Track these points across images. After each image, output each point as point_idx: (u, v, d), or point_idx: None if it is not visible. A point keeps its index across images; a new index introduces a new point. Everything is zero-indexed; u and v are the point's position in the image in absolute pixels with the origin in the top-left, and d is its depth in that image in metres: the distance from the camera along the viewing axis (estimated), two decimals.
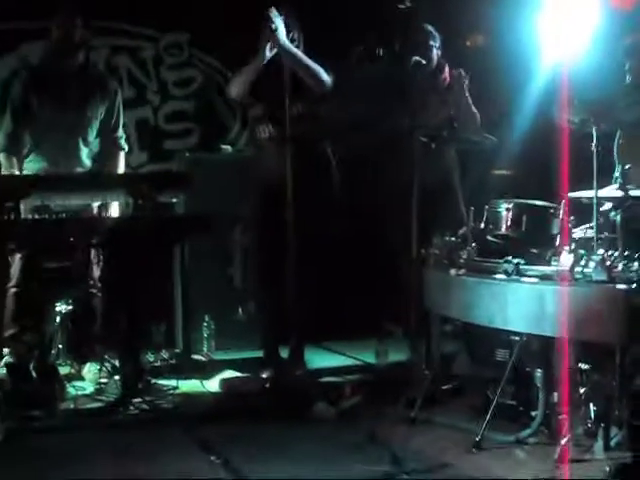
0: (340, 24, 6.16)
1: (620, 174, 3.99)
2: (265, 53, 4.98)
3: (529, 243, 4.32)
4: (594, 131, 4.03)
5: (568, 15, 4.75)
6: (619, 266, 3.73)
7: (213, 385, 5.04)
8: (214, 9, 6.13)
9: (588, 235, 4.11)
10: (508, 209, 4.43)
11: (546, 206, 4.39)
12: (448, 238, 4.53)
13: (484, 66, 5.85)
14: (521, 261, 4.04)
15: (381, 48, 5.47)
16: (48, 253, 4.73)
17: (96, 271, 5.27)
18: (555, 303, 3.75)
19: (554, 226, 4.28)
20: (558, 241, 4.11)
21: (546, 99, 4.96)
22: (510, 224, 4.43)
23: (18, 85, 5.26)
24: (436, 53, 5.41)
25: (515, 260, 4.04)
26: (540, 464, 3.75)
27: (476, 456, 3.88)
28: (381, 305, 5.84)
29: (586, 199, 4.13)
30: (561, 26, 4.78)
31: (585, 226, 4.22)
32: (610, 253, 3.82)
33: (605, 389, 3.81)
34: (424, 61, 5.16)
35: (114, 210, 5.13)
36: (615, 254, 3.82)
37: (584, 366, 3.92)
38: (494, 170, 5.79)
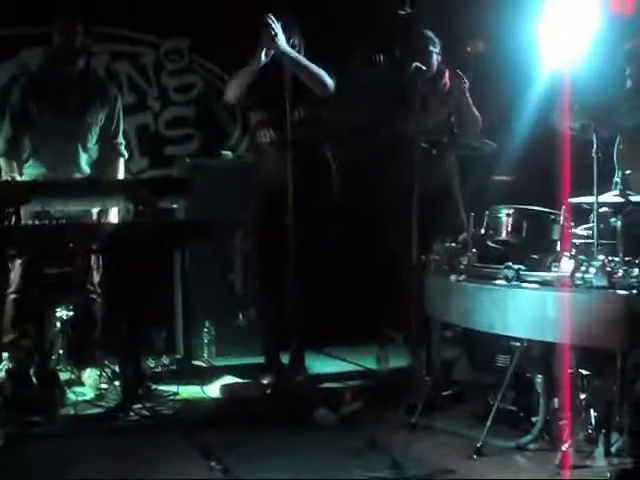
0: (341, 30, 6.17)
1: (620, 180, 3.99)
2: (261, 56, 4.98)
3: (529, 249, 4.31)
4: (594, 137, 4.03)
5: (568, 20, 4.75)
6: (620, 272, 3.72)
7: (214, 391, 5.03)
8: (214, 15, 6.14)
9: (588, 229, 4.11)
10: (508, 215, 4.42)
11: (546, 212, 4.38)
12: (448, 244, 4.52)
13: (484, 72, 5.85)
14: (521, 267, 4.04)
15: (381, 54, 5.48)
16: (48, 259, 4.72)
17: (96, 277, 5.27)
18: (556, 309, 3.74)
19: (554, 232, 4.27)
20: (558, 247, 4.11)
21: (546, 105, 4.96)
22: (510, 230, 4.42)
23: (17, 91, 5.25)
24: (436, 59, 5.42)
25: (515, 266, 4.03)
26: (541, 470, 3.74)
27: (477, 462, 3.87)
28: (381, 311, 5.84)
29: (586, 205, 4.13)
30: (561, 31, 4.78)
31: (585, 226, 4.22)
32: (611, 259, 3.83)
33: (606, 395, 3.81)
34: (424, 67, 5.17)
35: (113, 216, 5.14)
36: (616, 260, 3.83)
37: (585, 372, 3.92)
38: (494, 176, 5.81)
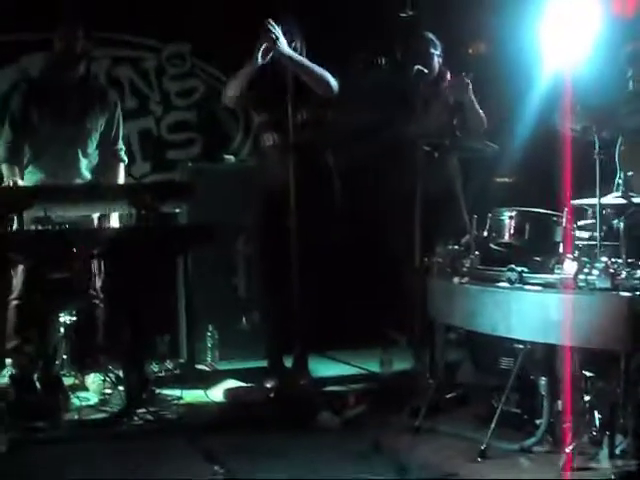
0: (342, 33, 6.17)
1: (622, 181, 3.99)
2: (258, 57, 4.96)
3: (532, 251, 4.31)
4: (596, 139, 4.03)
5: (570, 22, 4.75)
6: (623, 273, 3.72)
7: (217, 395, 5.03)
8: (216, 19, 6.15)
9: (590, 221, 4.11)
10: (511, 217, 4.42)
11: (549, 214, 4.38)
12: (451, 246, 4.52)
13: (486, 74, 5.85)
14: (524, 269, 4.04)
15: (383, 56, 5.48)
16: (51, 264, 4.72)
17: (99, 282, 5.28)
18: (559, 311, 3.74)
19: (557, 234, 4.27)
20: (561, 249, 4.11)
21: (548, 107, 4.96)
22: (513, 232, 4.42)
23: (18, 97, 5.26)
24: (437, 61, 5.42)
25: (518, 268, 4.03)
26: (545, 472, 3.74)
27: (481, 465, 3.87)
28: (385, 314, 5.84)
29: (588, 206, 4.13)
30: (563, 33, 4.78)
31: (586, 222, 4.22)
32: (613, 261, 3.82)
33: (610, 397, 3.81)
34: (426, 70, 5.17)
35: (114, 221, 5.15)
36: (619, 261, 3.83)
37: (588, 374, 3.92)
38: (496, 178, 5.80)
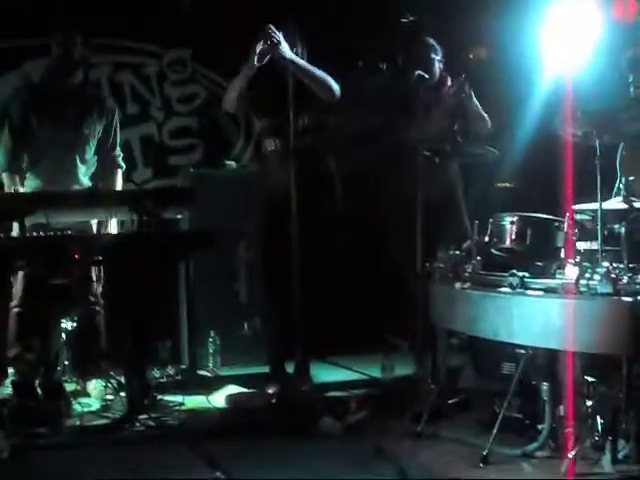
0: (343, 38, 6.17)
1: (624, 186, 3.99)
2: (254, 60, 4.94)
3: (534, 256, 4.30)
4: (597, 144, 4.03)
5: (570, 28, 4.75)
6: (624, 278, 3.72)
7: (219, 401, 5.02)
8: (217, 25, 6.15)
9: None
10: (512, 222, 4.42)
11: (550, 219, 4.38)
12: (453, 252, 4.52)
13: (486, 79, 5.86)
14: (526, 274, 4.04)
15: (384, 62, 5.48)
16: (52, 270, 4.72)
17: (99, 288, 5.28)
18: (560, 316, 3.74)
19: (558, 239, 4.27)
20: (563, 254, 4.11)
21: (549, 112, 4.96)
22: (514, 237, 4.41)
23: (16, 103, 5.27)
24: (438, 66, 5.42)
25: (520, 273, 4.03)
26: (547, 478, 3.74)
27: (483, 470, 3.86)
28: (386, 319, 5.84)
29: (590, 212, 4.13)
30: (563, 39, 4.78)
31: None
32: (615, 265, 3.82)
33: (612, 402, 3.80)
34: (427, 75, 5.17)
35: (113, 227, 5.16)
36: (620, 266, 3.83)
37: (590, 379, 3.91)
38: (497, 183, 5.80)
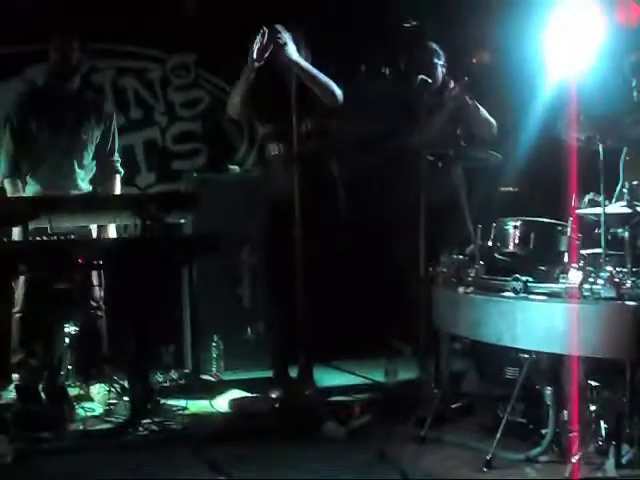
0: (346, 42, 6.18)
1: (627, 191, 3.99)
2: (253, 58, 4.91)
3: (537, 261, 4.31)
4: (600, 148, 4.03)
5: (574, 32, 4.76)
6: (628, 283, 3.72)
7: (222, 405, 5.02)
8: (220, 30, 6.16)
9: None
10: (515, 226, 4.42)
11: (554, 223, 4.38)
12: (456, 256, 4.52)
13: (490, 83, 5.86)
14: (529, 279, 4.04)
15: (387, 66, 5.48)
16: (56, 275, 4.73)
17: (101, 293, 5.29)
18: (564, 320, 3.73)
19: (562, 243, 4.27)
20: (566, 258, 4.11)
21: (552, 116, 4.96)
22: (518, 242, 4.42)
23: (16, 109, 5.27)
24: (441, 71, 5.42)
25: (523, 278, 4.03)
26: None
27: (486, 475, 3.86)
28: (390, 324, 5.83)
29: (593, 216, 4.13)
30: (567, 43, 4.79)
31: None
32: (619, 270, 3.82)
33: (616, 406, 3.80)
34: (430, 80, 5.18)
35: (112, 231, 5.17)
36: (624, 271, 3.82)
37: (594, 383, 3.91)
38: (501, 187, 5.80)
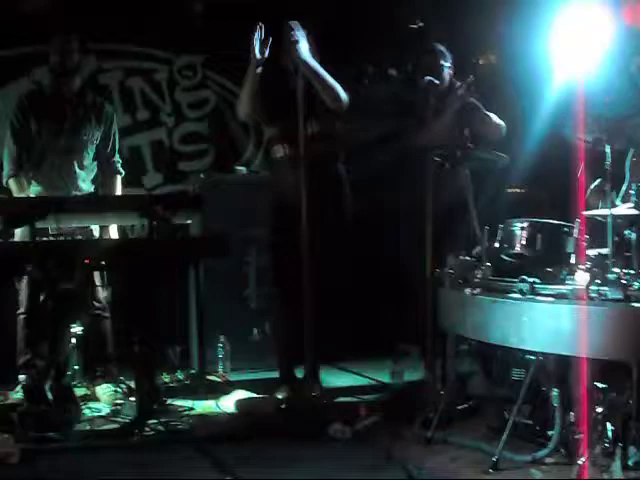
0: (353, 45, 6.18)
1: (635, 192, 3.98)
2: (256, 52, 4.87)
3: (544, 262, 4.30)
4: (607, 149, 4.03)
5: (581, 33, 4.75)
6: (635, 284, 3.72)
7: (228, 406, 5.02)
8: (227, 30, 6.17)
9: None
10: (522, 228, 4.42)
11: (561, 224, 4.38)
12: (463, 257, 4.52)
13: (497, 84, 5.86)
14: (536, 280, 4.03)
15: (394, 68, 5.48)
16: (62, 275, 4.73)
17: (106, 293, 5.29)
18: (571, 322, 3.73)
19: (569, 245, 4.26)
20: (573, 260, 4.10)
21: (559, 117, 4.96)
22: (525, 243, 4.41)
23: (18, 110, 5.28)
24: (448, 73, 5.42)
25: (530, 279, 4.03)
26: None
27: (492, 476, 3.85)
28: (396, 325, 5.83)
29: (600, 217, 4.13)
30: (574, 44, 4.78)
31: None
32: (626, 271, 3.81)
33: (622, 408, 3.79)
34: (437, 81, 5.18)
35: (114, 232, 5.18)
36: (631, 272, 3.82)
37: (601, 385, 3.90)
38: (508, 189, 5.79)
